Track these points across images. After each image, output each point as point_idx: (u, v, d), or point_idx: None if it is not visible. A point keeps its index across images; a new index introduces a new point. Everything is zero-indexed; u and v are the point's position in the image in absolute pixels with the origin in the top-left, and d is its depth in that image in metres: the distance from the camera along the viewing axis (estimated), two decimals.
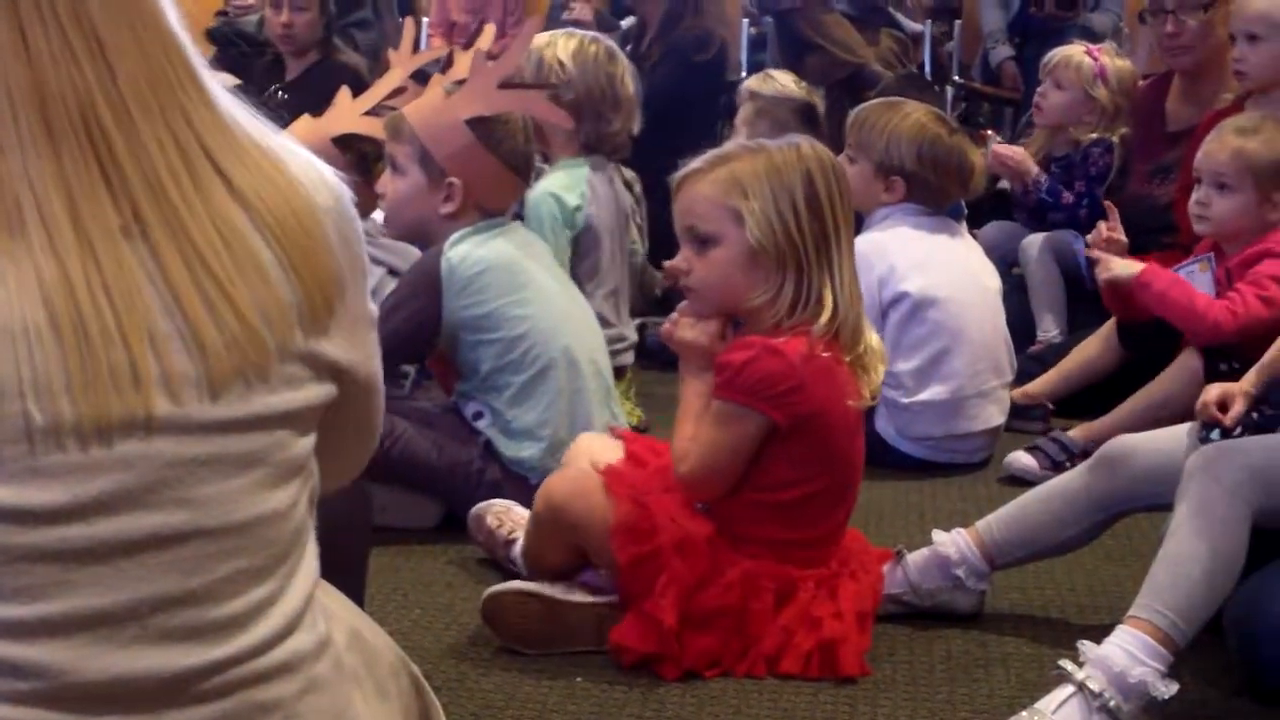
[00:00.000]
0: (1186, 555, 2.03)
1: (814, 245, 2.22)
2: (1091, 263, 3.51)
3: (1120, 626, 2.02)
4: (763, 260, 2.22)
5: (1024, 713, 2.00)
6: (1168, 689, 1.97)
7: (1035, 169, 4.29)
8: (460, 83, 2.87)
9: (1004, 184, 4.56)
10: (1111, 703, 1.96)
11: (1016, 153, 4.33)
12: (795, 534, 2.26)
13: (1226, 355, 3.13)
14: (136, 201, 1.16)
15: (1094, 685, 1.96)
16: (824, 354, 2.21)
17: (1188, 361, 3.21)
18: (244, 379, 1.18)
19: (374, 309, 1.37)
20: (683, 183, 2.30)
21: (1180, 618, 2.00)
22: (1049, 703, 1.99)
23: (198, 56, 1.24)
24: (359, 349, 1.31)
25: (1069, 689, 1.98)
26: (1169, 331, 3.28)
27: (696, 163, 2.30)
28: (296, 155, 1.28)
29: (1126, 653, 1.98)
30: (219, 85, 1.25)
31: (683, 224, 2.30)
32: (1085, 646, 2.02)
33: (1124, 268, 3.28)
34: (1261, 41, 3.59)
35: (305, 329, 1.23)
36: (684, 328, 2.30)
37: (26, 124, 1.15)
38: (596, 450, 2.42)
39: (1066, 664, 2.01)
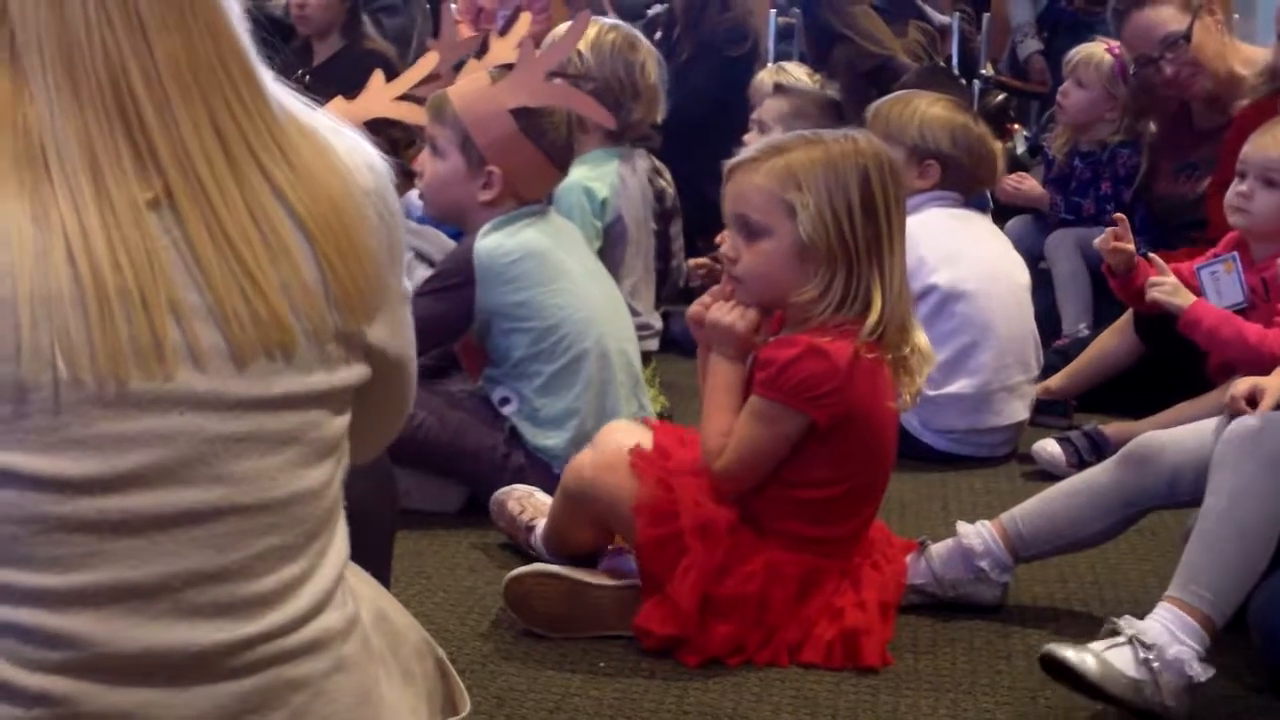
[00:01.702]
0: (1223, 535, 2.04)
1: (865, 245, 2.19)
2: (1103, 263, 3.48)
3: (1161, 604, 2.03)
4: (812, 256, 2.19)
5: (1071, 644, 2.01)
6: (1204, 672, 1.98)
7: (1046, 194, 4.29)
8: (505, 68, 2.87)
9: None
10: (1156, 664, 1.97)
11: (1024, 185, 4.33)
12: (822, 531, 2.25)
13: None
14: (167, 177, 1.17)
15: (1146, 639, 1.98)
16: (868, 355, 2.18)
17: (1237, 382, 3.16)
18: (269, 356, 1.19)
19: (408, 288, 1.38)
20: (736, 170, 2.27)
21: (1218, 597, 2.01)
22: (1100, 644, 2.01)
23: (251, 49, 1.24)
24: (392, 329, 1.32)
25: (1120, 639, 2.00)
26: None
27: (751, 150, 2.28)
28: (344, 137, 1.29)
29: (1166, 629, 2.00)
30: (270, 76, 1.26)
31: (733, 212, 2.27)
32: (1126, 620, 2.03)
33: (1174, 295, 3.17)
34: None
35: (339, 312, 1.24)
36: (720, 310, 2.26)
37: (52, 74, 1.16)
38: (623, 437, 2.43)
39: (1117, 620, 2.03)
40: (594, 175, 3.50)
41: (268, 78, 1.25)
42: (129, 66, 1.17)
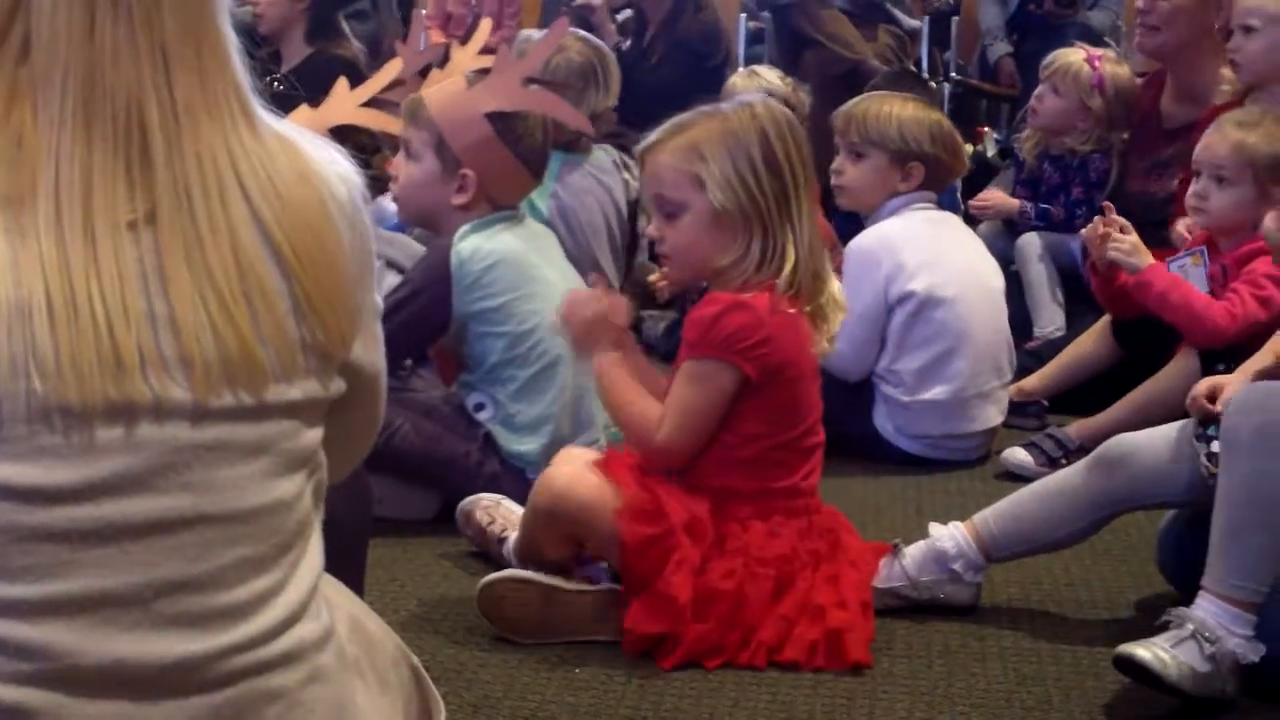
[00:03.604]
0: (1248, 521, 2.04)
1: (775, 203, 2.26)
2: (1088, 259, 3.51)
3: (1204, 595, 2.05)
4: (727, 222, 2.26)
5: (1142, 643, 2.04)
6: (1255, 654, 2.03)
7: (1016, 204, 4.33)
8: (481, 72, 2.87)
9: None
10: (1218, 654, 2.01)
11: (990, 199, 4.35)
12: (759, 484, 2.27)
13: (1222, 356, 3.13)
14: (157, 202, 1.17)
15: (1208, 634, 2.01)
16: (787, 308, 2.24)
17: (1184, 361, 3.21)
18: (233, 393, 1.19)
19: (379, 302, 1.38)
20: (645, 154, 2.34)
21: (1258, 581, 2.04)
22: (1167, 639, 2.03)
23: (246, 77, 1.25)
24: (365, 345, 1.32)
25: (1184, 632, 2.03)
26: (1163, 328, 3.28)
27: (656, 133, 2.33)
28: (320, 149, 1.30)
29: (1219, 624, 2.02)
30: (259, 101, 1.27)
31: (650, 194, 2.36)
32: (1181, 612, 2.06)
33: (1132, 256, 3.27)
34: (1257, 34, 3.61)
35: (311, 338, 1.23)
36: (574, 306, 2.35)
37: (70, 105, 1.17)
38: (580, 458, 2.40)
39: (1178, 611, 2.06)
40: None
41: (257, 101, 1.26)
42: (146, 100, 1.18)
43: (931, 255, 3.31)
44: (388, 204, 3.18)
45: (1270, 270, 3.15)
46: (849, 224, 3.63)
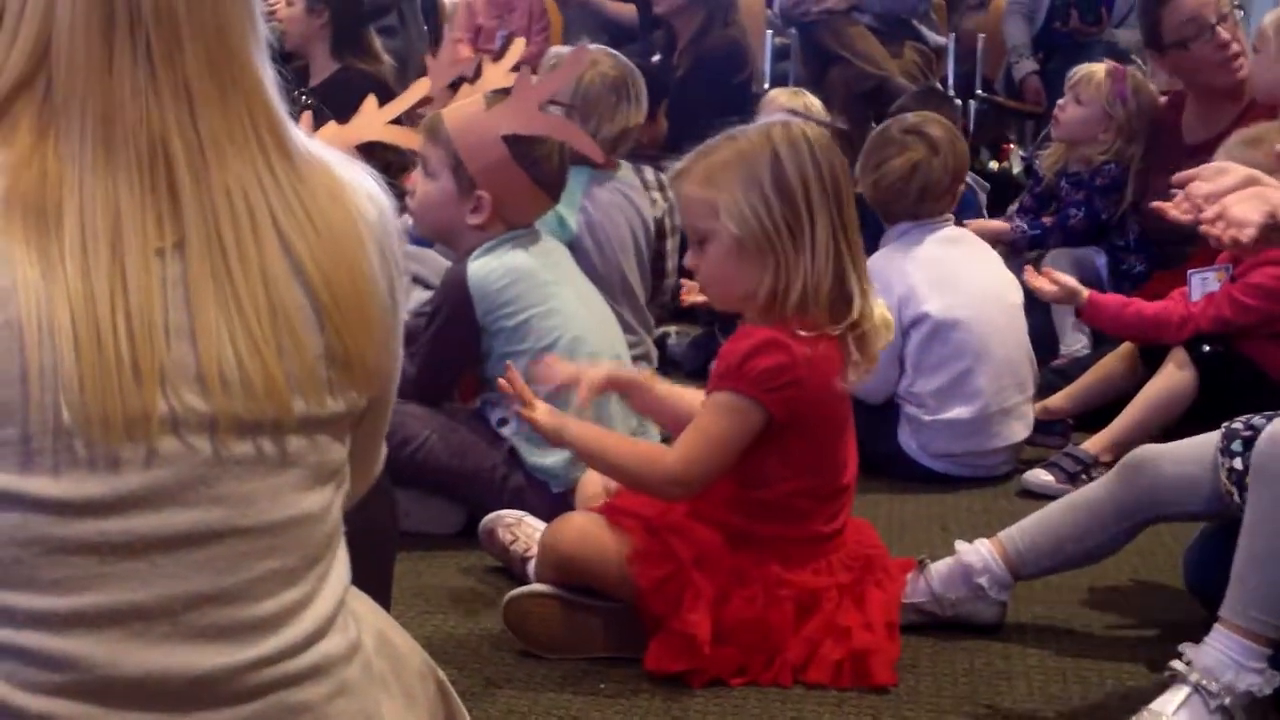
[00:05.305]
0: (1275, 555, 2.00)
1: (788, 228, 2.19)
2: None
3: (1218, 628, 2.02)
4: (747, 251, 2.20)
5: (1144, 712, 2.01)
6: (1271, 685, 2.00)
7: (1003, 226, 4.35)
8: (501, 93, 2.87)
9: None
10: (1227, 700, 1.98)
11: (975, 226, 4.35)
12: (785, 531, 2.25)
13: (1208, 339, 3.25)
14: (186, 232, 1.18)
15: (1212, 686, 1.99)
16: (805, 334, 2.18)
17: (1176, 359, 3.26)
18: (257, 411, 1.19)
19: (402, 323, 1.38)
20: (674, 182, 2.31)
21: (1276, 616, 2.00)
22: (1166, 704, 2.00)
23: (283, 110, 1.25)
24: (387, 360, 1.33)
25: (1185, 689, 2.01)
26: None
27: (684, 160, 2.30)
28: (349, 170, 1.30)
29: (1230, 660, 1.99)
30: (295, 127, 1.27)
31: (683, 223, 2.33)
32: (1188, 649, 2.03)
33: (1070, 294, 3.41)
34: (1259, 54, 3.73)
35: (335, 359, 1.24)
36: (532, 414, 2.28)
37: (89, 139, 1.17)
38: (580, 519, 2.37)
39: (1178, 665, 2.03)
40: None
41: (296, 132, 1.26)
42: (171, 137, 1.18)
43: (944, 275, 3.31)
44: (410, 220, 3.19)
45: (1262, 280, 3.18)
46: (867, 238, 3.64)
